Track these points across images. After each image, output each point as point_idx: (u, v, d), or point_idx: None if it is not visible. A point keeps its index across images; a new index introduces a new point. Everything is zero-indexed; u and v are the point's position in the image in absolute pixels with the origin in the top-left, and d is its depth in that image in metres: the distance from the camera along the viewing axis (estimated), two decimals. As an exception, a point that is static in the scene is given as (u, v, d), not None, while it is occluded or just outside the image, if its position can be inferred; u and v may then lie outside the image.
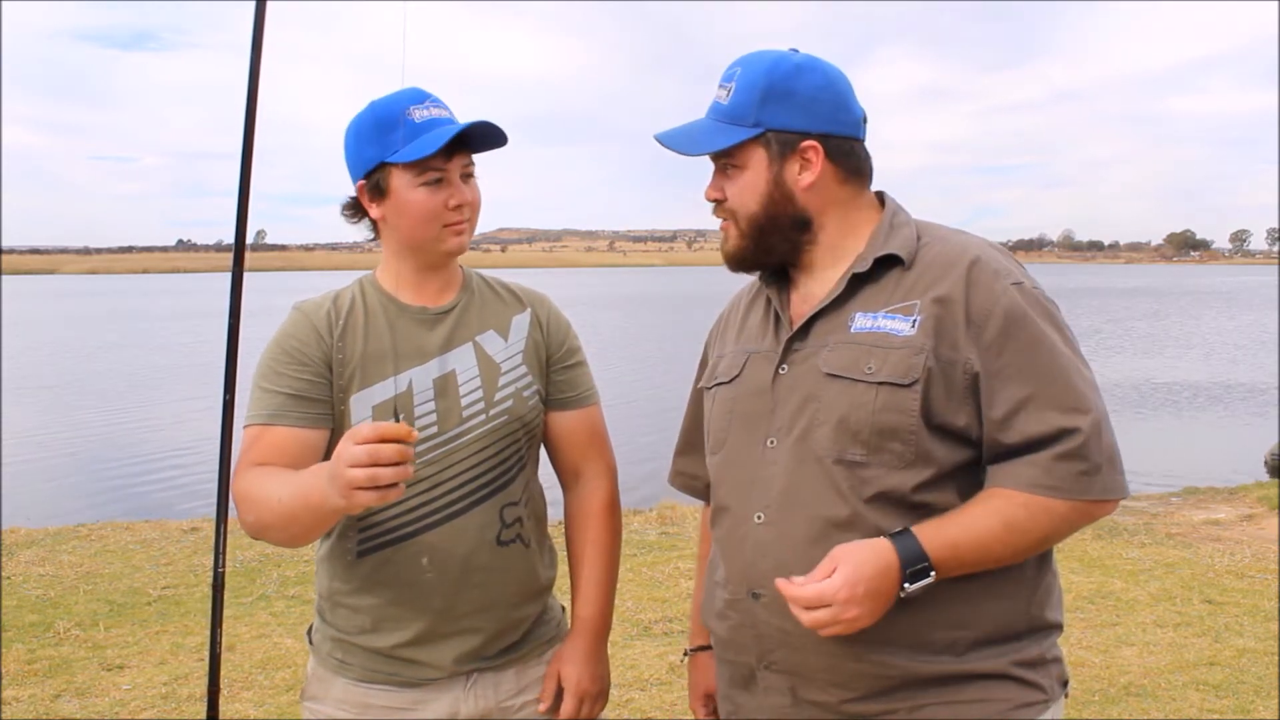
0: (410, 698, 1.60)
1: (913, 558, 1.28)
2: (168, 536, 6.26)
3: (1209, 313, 40.23)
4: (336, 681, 1.63)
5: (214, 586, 2.27)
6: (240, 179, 2.32)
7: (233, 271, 2.31)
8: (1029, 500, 1.31)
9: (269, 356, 1.60)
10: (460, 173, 1.57)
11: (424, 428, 1.57)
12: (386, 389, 1.58)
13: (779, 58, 1.43)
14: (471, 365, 1.62)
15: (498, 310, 1.70)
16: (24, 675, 3.96)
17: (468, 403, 1.60)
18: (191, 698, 3.75)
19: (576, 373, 1.75)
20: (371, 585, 1.60)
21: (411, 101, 1.55)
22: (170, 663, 4.12)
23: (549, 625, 1.74)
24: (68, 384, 18.29)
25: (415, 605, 1.58)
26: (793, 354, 1.44)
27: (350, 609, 1.62)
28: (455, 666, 1.60)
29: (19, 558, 5.69)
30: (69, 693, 3.81)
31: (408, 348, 1.60)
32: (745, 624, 1.44)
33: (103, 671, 4.03)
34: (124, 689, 3.85)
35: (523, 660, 1.68)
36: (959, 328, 1.33)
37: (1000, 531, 1.30)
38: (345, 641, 1.63)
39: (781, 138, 1.41)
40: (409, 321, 1.62)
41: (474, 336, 1.64)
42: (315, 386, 1.57)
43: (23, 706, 3.67)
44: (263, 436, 1.55)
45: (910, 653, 1.34)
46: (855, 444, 1.35)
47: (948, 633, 1.35)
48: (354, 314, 1.62)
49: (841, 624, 1.25)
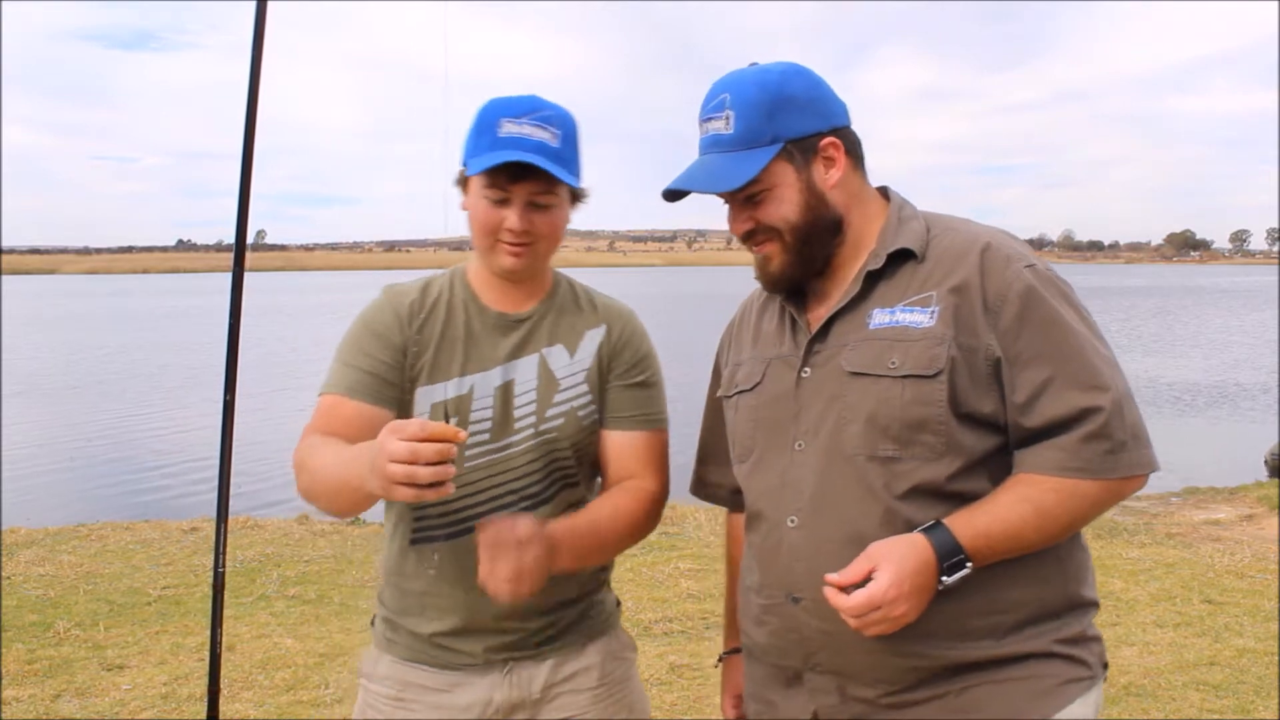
0: (447, 679, 1.63)
1: (948, 550, 1.29)
2: (168, 536, 6.26)
3: (1210, 312, 40.24)
4: (384, 659, 1.68)
5: (214, 586, 2.28)
6: (240, 179, 2.32)
7: (233, 271, 2.31)
8: (1057, 484, 1.31)
9: (354, 332, 1.63)
10: (527, 199, 1.54)
11: (477, 433, 1.59)
12: (449, 389, 1.60)
13: (759, 72, 1.43)
14: (531, 378, 1.62)
15: (572, 324, 1.67)
16: (24, 675, 3.96)
17: (520, 415, 1.60)
18: (191, 698, 3.75)
19: (638, 393, 1.68)
20: (418, 573, 1.64)
21: (509, 113, 1.53)
22: (170, 663, 4.12)
23: (594, 620, 1.72)
24: (68, 384, 18.29)
25: (453, 600, 1.62)
26: (814, 356, 1.43)
27: (400, 590, 1.67)
28: (489, 655, 1.63)
29: (19, 558, 5.69)
30: (69, 693, 3.81)
31: (477, 353, 1.61)
32: (787, 628, 1.43)
33: (103, 671, 4.03)
34: (124, 689, 3.85)
35: (562, 652, 1.67)
36: (977, 314, 1.33)
37: (1031, 517, 1.30)
38: (393, 621, 1.68)
39: (801, 144, 1.41)
40: (485, 325, 1.63)
41: (541, 349, 1.64)
42: (390, 369, 1.59)
43: (23, 706, 3.67)
44: (334, 408, 1.58)
45: (952, 641, 1.34)
46: (886, 439, 1.34)
47: (987, 619, 1.35)
48: (436, 309, 1.63)
49: (888, 623, 1.26)
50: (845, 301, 1.42)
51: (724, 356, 1.66)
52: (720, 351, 1.68)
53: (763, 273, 1.48)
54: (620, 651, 1.76)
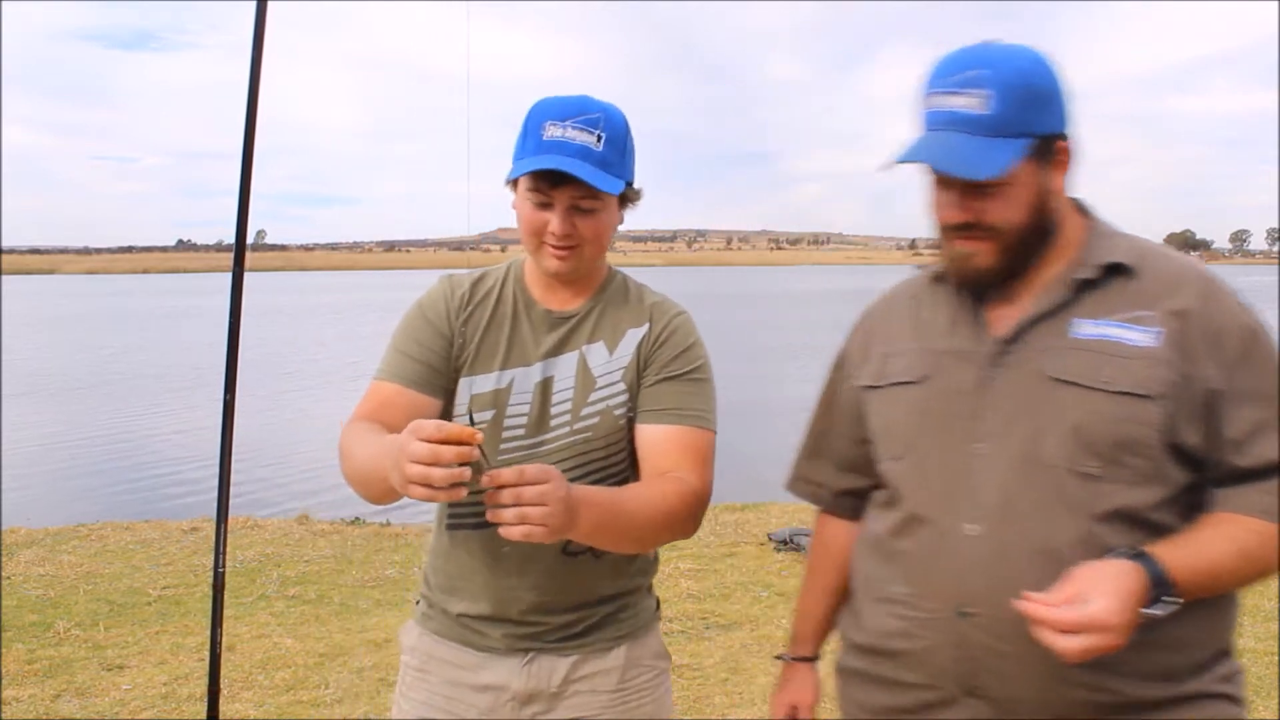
0: (470, 659, 1.64)
1: (1161, 582, 1.21)
2: (168, 536, 6.26)
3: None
4: (417, 631, 1.72)
5: (214, 586, 2.28)
6: (240, 179, 2.32)
7: (233, 271, 2.31)
8: (1263, 528, 1.27)
9: (409, 319, 1.65)
10: (569, 203, 1.53)
11: (512, 428, 1.59)
12: (489, 381, 1.60)
13: (1014, 53, 1.32)
14: (570, 375, 1.61)
15: (617, 321, 1.65)
16: (24, 675, 3.96)
17: (556, 412, 1.60)
18: (191, 698, 3.75)
19: (675, 386, 1.60)
20: (453, 555, 1.66)
21: (554, 115, 1.53)
22: (170, 663, 4.12)
23: (625, 623, 1.68)
24: (68, 384, 18.29)
25: (478, 586, 1.63)
26: (1005, 357, 1.34)
27: (439, 571, 1.70)
28: (511, 643, 1.63)
29: (19, 558, 5.69)
30: (69, 693, 3.81)
31: (519, 348, 1.62)
32: (945, 644, 1.33)
33: (103, 671, 4.03)
34: (124, 689, 3.85)
35: (586, 649, 1.65)
36: (1198, 343, 1.28)
37: (1234, 558, 1.26)
38: (429, 597, 1.71)
39: (1045, 142, 1.32)
40: (532, 321, 1.63)
41: (582, 346, 1.63)
42: (437, 357, 1.61)
43: (23, 706, 3.67)
44: (380, 393, 1.60)
45: (1134, 678, 1.27)
46: (1090, 455, 1.27)
47: (1168, 656, 1.29)
48: (486, 301, 1.65)
49: (1095, 650, 1.16)
50: (1048, 307, 1.34)
51: (863, 346, 1.54)
52: (853, 341, 1.57)
53: (961, 266, 1.37)
54: (646, 659, 1.70)
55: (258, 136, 2.31)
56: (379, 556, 5.80)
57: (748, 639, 4.38)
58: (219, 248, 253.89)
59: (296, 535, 6.35)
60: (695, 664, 4.08)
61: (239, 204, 2.33)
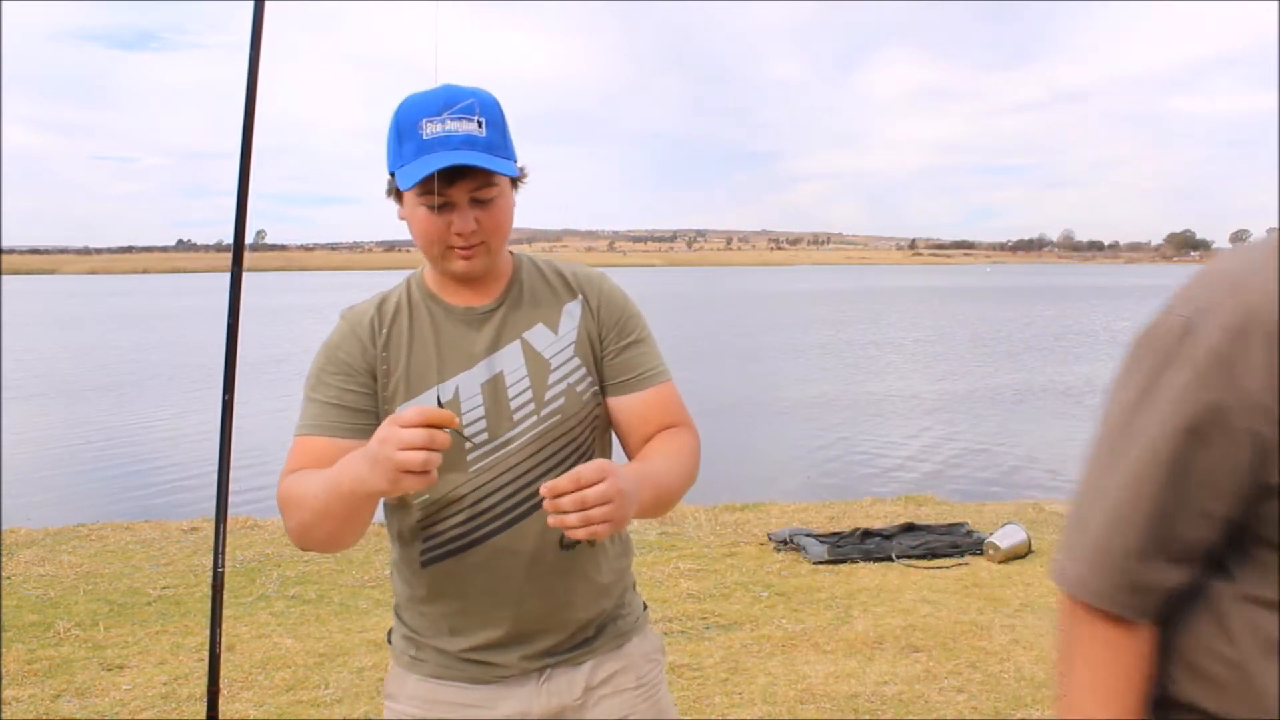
0: (481, 695, 1.57)
1: None
2: (168, 536, 6.26)
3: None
4: (409, 678, 1.61)
5: (214, 586, 2.28)
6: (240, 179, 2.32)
7: (232, 271, 2.31)
8: None
9: (316, 365, 1.56)
10: (469, 196, 1.46)
11: (474, 434, 1.52)
12: (431, 399, 1.52)
13: None
14: (519, 365, 1.55)
15: (547, 301, 1.60)
16: (24, 675, 3.96)
17: (517, 405, 1.53)
18: (191, 698, 3.75)
19: (635, 351, 1.61)
20: (439, 594, 1.57)
21: (426, 112, 1.45)
22: (170, 663, 4.12)
23: (627, 619, 1.66)
24: (68, 384, 18.29)
25: (481, 615, 1.55)
26: None
27: (421, 614, 1.60)
28: (525, 664, 1.57)
29: (19, 558, 5.69)
30: (69, 693, 3.81)
31: (453, 353, 1.54)
32: None
33: (103, 671, 4.03)
34: (124, 689, 3.85)
35: (598, 653, 1.61)
36: None
37: None
38: (417, 640, 1.61)
39: None
40: (454, 324, 1.56)
41: (522, 333, 1.57)
42: (360, 397, 1.53)
43: (23, 706, 3.67)
44: (305, 446, 1.51)
45: None
46: None
47: None
48: (399, 321, 1.57)
49: None
50: None
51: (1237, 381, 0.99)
52: (1250, 370, 0.98)
53: None
54: (653, 653, 1.69)
55: (258, 136, 2.31)
56: (379, 556, 5.80)
57: (748, 639, 4.38)
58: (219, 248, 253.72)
59: (296, 535, 6.34)
60: (695, 664, 4.08)
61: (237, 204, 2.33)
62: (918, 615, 4.67)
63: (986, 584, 5.17)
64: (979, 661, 4.08)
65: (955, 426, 13.39)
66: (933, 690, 3.82)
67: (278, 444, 10.18)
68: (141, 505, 8.61)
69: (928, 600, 4.91)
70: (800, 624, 4.57)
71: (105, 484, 10.05)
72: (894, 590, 5.07)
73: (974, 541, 5.77)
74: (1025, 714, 3.63)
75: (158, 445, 12.16)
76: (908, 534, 5.96)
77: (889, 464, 10.89)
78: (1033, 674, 3.95)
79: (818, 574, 5.37)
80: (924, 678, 3.94)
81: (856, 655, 4.17)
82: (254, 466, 9.27)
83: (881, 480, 9.87)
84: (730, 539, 6.07)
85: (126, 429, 13.44)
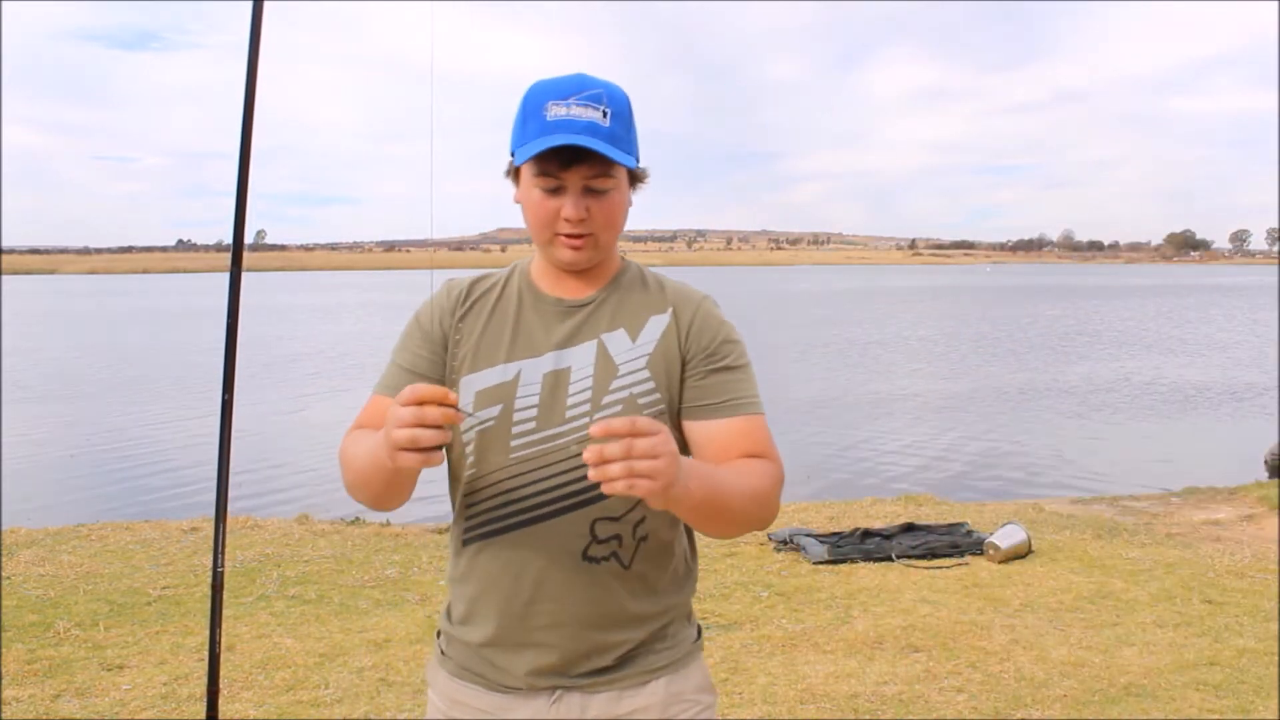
0: (494, 702, 1.54)
1: None
2: (168, 536, 6.26)
3: (1210, 312, 40.23)
4: (441, 672, 1.62)
5: (214, 586, 2.28)
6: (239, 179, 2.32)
7: (231, 271, 2.31)
8: None
9: (405, 330, 1.60)
10: (583, 185, 1.44)
11: (521, 421, 1.49)
12: (494, 375, 1.51)
13: None
14: (588, 364, 1.51)
15: (637, 308, 1.56)
16: (24, 675, 3.95)
17: (574, 402, 1.49)
18: (191, 698, 3.75)
19: (725, 377, 1.53)
20: (471, 574, 1.56)
21: (554, 95, 1.43)
22: (170, 663, 4.12)
23: (664, 654, 1.56)
24: (68, 384, 18.28)
25: (496, 603, 1.53)
26: None
27: (456, 596, 1.61)
28: (531, 680, 1.51)
29: (19, 558, 5.69)
30: (69, 693, 3.81)
31: (526, 338, 1.53)
32: None
33: (103, 671, 4.03)
34: (124, 689, 3.85)
35: (619, 684, 1.52)
36: None
37: None
38: (448, 632, 1.61)
39: None
40: (540, 312, 1.55)
41: (601, 334, 1.53)
42: (428, 363, 1.54)
43: (23, 706, 3.67)
44: (374, 405, 1.56)
45: None
46: None
47: None
48: (487, 297, 1.57)
49: None
50: None
51: None
52: None
53: None
54: (689, 693, 1.56)
55: (257, 136, 2.30)
56: (379, 556, 5.80)
57: (748, 639, 4.38)
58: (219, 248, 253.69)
59: (296, 535, 6.34)
60: (695, 664, 4.08)
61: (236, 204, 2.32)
62: (918, 615, 4.67)
63: (986, 584, 5.17)
64: (979, 661, 4.08)
65: (955, 427, 13.39)
66: (933, 690, 3.82)
67: (278, 444, 10.15)
68: (141, 505, 8.61)
69: (928, 600, 4.91)
70: (800, 624, 4.57)
71: (105, 484, 10.05)
72: (894, 590, 5.07)
73: (974, 541, 5.78)
74: (1025, 714, 3.62)
75: (158, 445, 12.16)
76: (908, 534, 5.96)
77: (889, 464, 10.89)
78: (1033, 674, 3.94)
79: (818, 574, 5.37)
80: (924, 678, 3.94)
81: (856, 655, 4.17)
82: (253, 466, 9.27)
83: (881, 480, 9.88)
84: (730, 539, 6.08)
85: (127, 429, 13.44)
